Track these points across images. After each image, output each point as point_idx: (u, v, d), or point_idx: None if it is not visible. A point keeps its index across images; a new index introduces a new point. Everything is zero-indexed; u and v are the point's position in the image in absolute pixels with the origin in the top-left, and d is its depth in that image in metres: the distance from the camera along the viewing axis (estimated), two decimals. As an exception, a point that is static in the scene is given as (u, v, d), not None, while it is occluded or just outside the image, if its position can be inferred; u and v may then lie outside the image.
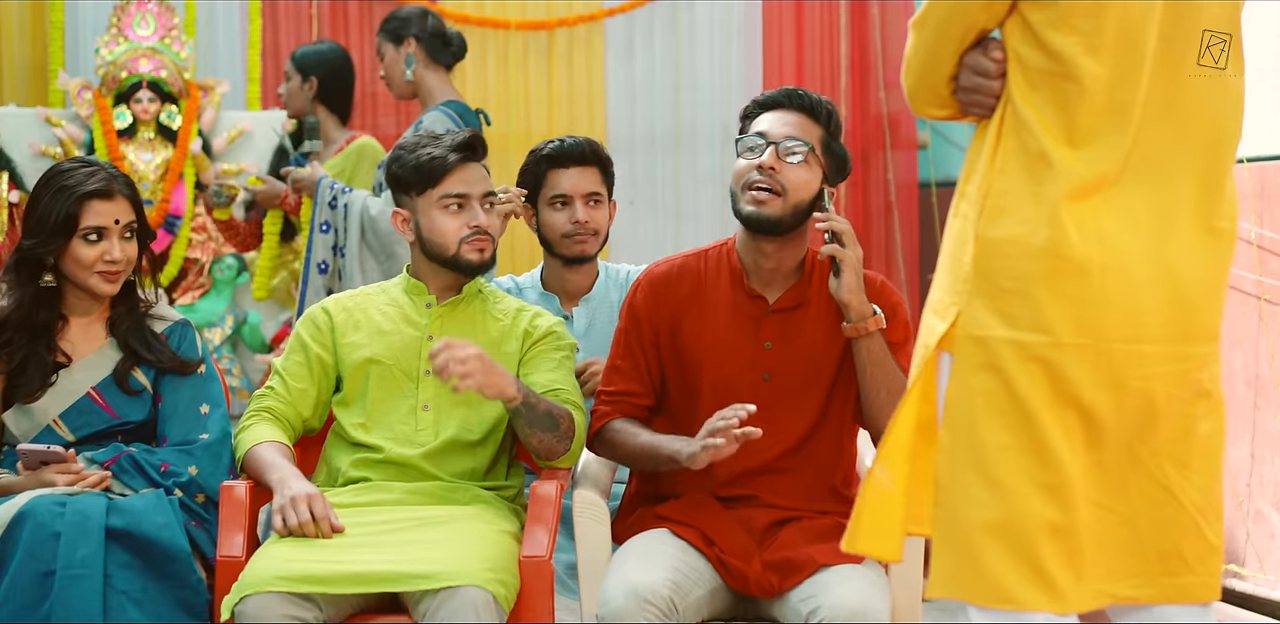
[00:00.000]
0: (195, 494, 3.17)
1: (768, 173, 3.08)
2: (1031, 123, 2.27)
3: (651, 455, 3.07)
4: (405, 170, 3.30)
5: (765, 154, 3.10)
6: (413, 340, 3.30)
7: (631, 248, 6.56)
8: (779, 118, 3.15)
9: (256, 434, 3.20)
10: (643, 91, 6.63)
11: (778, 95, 3.18)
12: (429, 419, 3.25)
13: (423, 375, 3.27)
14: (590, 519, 3.09)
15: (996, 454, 2.25)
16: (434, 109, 4.87)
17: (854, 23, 6.61)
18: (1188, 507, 2.34)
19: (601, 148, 3.74)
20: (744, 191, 3.11)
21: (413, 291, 3.36)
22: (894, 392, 3.04)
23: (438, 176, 3.26)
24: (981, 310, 2.28)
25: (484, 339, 3.30)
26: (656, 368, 3.19)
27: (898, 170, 6.63)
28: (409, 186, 3.31)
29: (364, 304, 3.36)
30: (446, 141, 3.29)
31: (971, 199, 2.33)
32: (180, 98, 5.61)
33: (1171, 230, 2.30)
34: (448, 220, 3.27)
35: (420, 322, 3.32)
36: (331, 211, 4.88)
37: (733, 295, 3.17)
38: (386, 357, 3.28)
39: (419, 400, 3.26)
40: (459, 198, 3.27)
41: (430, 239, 3.29)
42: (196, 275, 5.67)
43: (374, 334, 3.30)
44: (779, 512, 3.11)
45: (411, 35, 4.93)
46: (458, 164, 3.28)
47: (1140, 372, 2.27)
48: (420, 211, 3.29)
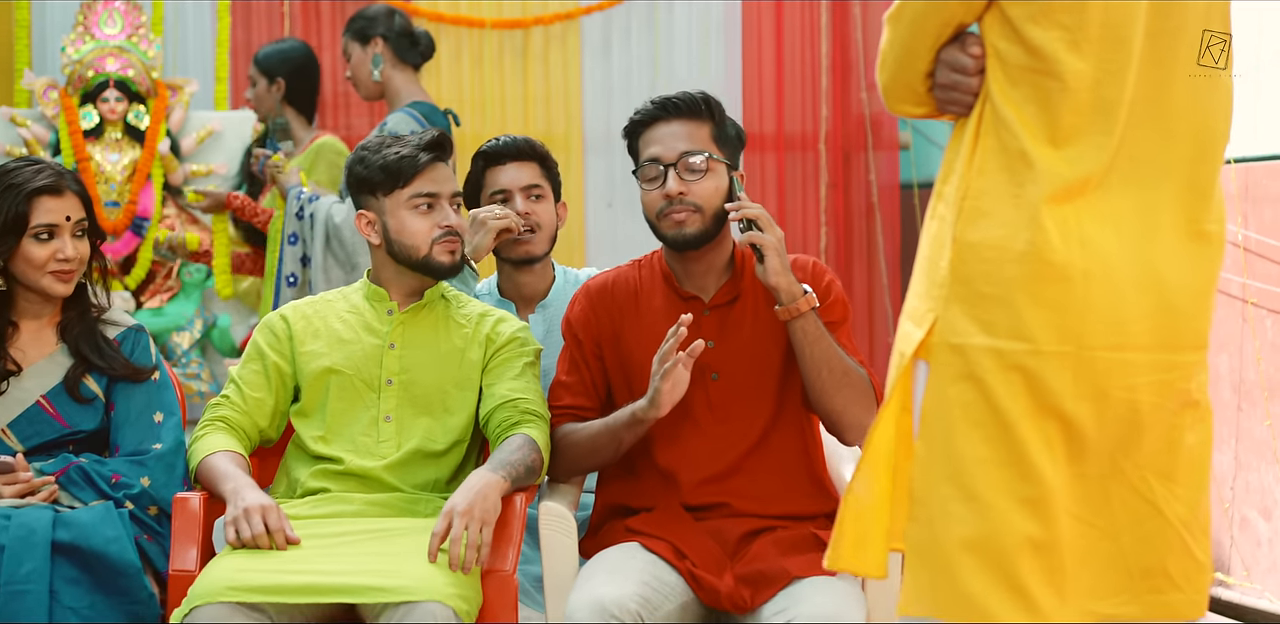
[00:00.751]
0: (147, 506, 3.08)
1: (677, 199, 3.03)
2: (1011, 121, 2.20)
3: (610, 431, 3.04)
4: (371, 170, 3.22)
5: (669, 181, 3.04)
6: (373, 349, 3.21)
7: (611, 249, 6.51)
8: (665, 133, 3.08)
9: (210, 444, 3.11)
10: (620, 91, 6.58)
11: (652, 109, 3.10)
12: (391, 430, 3.17)
13: (384, 385, 3.18)
14: (556, 531, 3.02)
15: (974, 467, 2.18)
16: (399, 110, 4.82)
17: (835, 22, 6.58)
18: (1173, 522, 2.28)
19: (541, 145, 3.67)
20: (660, 219, 3.06)
21: (373, 298, 3.28)
22: (836, 372, 2.99)
23: (408, 176, 3.19)
24: (959, 317, 2.21)
25: (447, 347, 3.22)
26: (602, 380, 3.17)
27: (879, 171, 6.61)
28: (375, 187, 3.23)
29: (323, 311, 3.28)
30: (414, 140, 3.22)
31: (949, 200, 2.26)
32: (148, 97, 5.54)
33: (1158, 234, 2.24)
34: (418, 221, 3.19)
35: (381, 329, 3.24)
36: (299, 222, 4.82)
37: (668, 300, 3.13)
38: (346, 366, 3.19)
39: (380, 411, 3.17)
40: (429, 197, 3.20)
41: (399, 241, 3.21)
42: (165, 278, 5.60)
43: (334, 343, 3.22)
44: (754, 521, 3.04)
45: (379, 35, 4.89)
46: (429, 163, 3.20)
47: (1124, 381, 2.21)
48: (388, 212, 3.22)
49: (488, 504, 2.90)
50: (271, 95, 5.39)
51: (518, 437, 3.08)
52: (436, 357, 3.21)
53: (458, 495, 2.90)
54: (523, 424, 3.11)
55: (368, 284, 3.30)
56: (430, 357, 3.21)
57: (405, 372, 3.19)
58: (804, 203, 6.60)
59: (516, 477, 3.00)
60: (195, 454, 3.10)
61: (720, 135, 3.10)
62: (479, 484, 2.93)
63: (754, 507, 3.05)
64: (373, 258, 3.30)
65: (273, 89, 5.38)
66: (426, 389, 3.19)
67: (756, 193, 6.52)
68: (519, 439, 3.07)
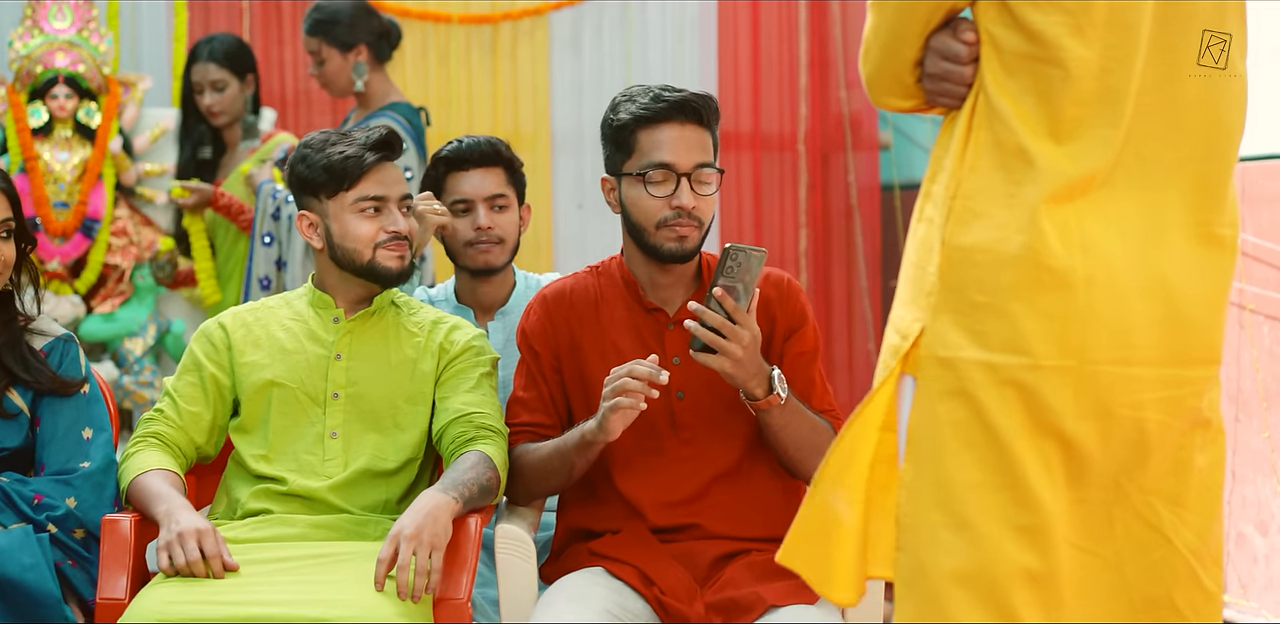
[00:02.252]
0: (73, 529, 2.89)
1: (687, 212, 2.87)
2: (1007, 114, 2.05)
3: (560, 454, 2.87)
4: (314, 171, 3.03)
5: (682, 194, 2.87)
6: (318, 360, 3.03)
7: (580, 252, 6.38)
8: (677, 137, 2.88)
9: (142, 462, 2.92)
10: (591, 89, 6.44)
11: (666, 108, 2.87)
12: (337, 448, 2.99)
13: (330, 399, 3.00)
14: (514, 555, 2.84)
15: (966, 492, 2.04)
16: (381, 114, 4.69)
17: (813, 19, 6.48)
18: (1181, 550, 2.14)
19: (506, 146, 3.49)
20: (660, 229, 2.89)
21: (318, 304, 3.10)
22: (805, 448, 2.86)
23: (353, 177, 3.01)
24: (949, 328, 2.06)
25: (398, 358, 3.05)
26: (560, 394, 2.99)
27: (859, 172, 6.51)
28: (318, 189, 3.04)
29: (265, 319, 3.09)
30: (360, 139, 3.03)
31: (938, 201, 2.10)
32: (99, 94, 5.35)
33: (1166, 237, 2.09)
34: (363, 225, 3.02)
35: (327, 339, 3.06)
36: (274, 223, 4.67)
37: (630, 311, 2.98)
38: (289, 379, 3.01)
39: (326, 427, 2.99)
40: (376, 200, 3.03)
41: (343, 246, 3.03)
42: (116, 282, 5.41)
43: (275, 353, 3.04)
44: (726, 544, 2.88)
45: (363, 42, 4.74)
46: (375, 164, 3.02)
47: (1129, 398, 2.06)
48: (331, 216, 3.04)
49: (438, 527, 2.71)
50: (243, 95, 5.22)
51: (472, 454, 2.90)
52: (386, 368, 3.04)
53: (405, 518, 2.72)
54: (478, 440, 2.93)
55: (312, 290, 3.12)
56: (379, 368, 3.04)
57: (353, 384, 3.02)
58: (781, 204, 6.49)
59: (470, 497, 2.81)
60: (126, 473, 2.91)
61: (716, 145, 2.96)
62: (428, 506, 2.74)
63: (727, 528, 2.90)
64: (316, 262, 3.12)
65: (244, 86, 5.22)
66: (375, 403, 3.01)
67: (733, 194, 6.44)
68: (473, 457, 2.89)
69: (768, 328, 2.92)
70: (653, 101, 2.88)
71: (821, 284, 6.40)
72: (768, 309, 2.93)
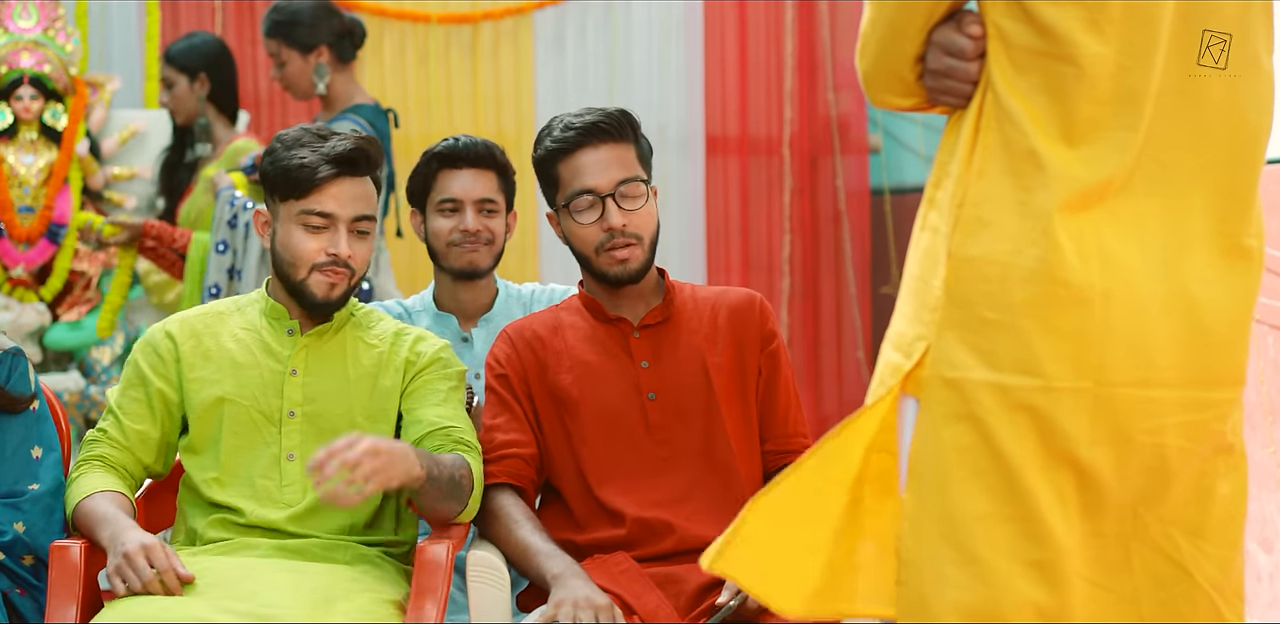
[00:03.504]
0: (22, 555, 2.74)
1: (620, 231, 2.88)
2: (1018, 114, 1.92)
3: (521, 560, 2.80)
4: (275, 170, 2.86)
5: (610, 214, 2.87)
6: (273, 375, 2.86)
7: (564, 257, 6.24)
8: (593, 160, 2.90)
9: (86, 485, 2.76)
10: (574, 91, 6.36)
11: (575, 135, 2.90)
12: (295, 472, 2.81)
13: (285, 418, 2.84)
14: (487, 584, 2.72)
15: (973, 524, 1.93)
16: (343, 117, 4.57)
17: (801, 19, 6.43)
18: (1203, 584, 2.02)
19: (502, 152, 3.39)
20: (600, 254, 2.90)
21: (272, 315, 2.92)
22: None
23: (304, 188, 2.82)
24: (955, 346, 1.94)
25: (357, 372, 2.89)
26: (533, 415, 2.95)
27: (847, 176, 6.45)
28: (274, 189, 2.88)
29: (214, 327, 2.91)
30: (326, 148, 2.83)
31: (943, 208, 1.97)
32: (66, 95, 5.26)
33: (1189, 248, 1.97)
34: (304, 240, 2.83)
35: (282, 352, 2.89)
36: (230, 230, 4.51)
37: (593, 325, 2.98)
38: (241, 395, 2.84)
39: (282, 448, 2.83)
40: (322, 217, 2.83)
41: (281, 255, 2.87)
42: (84, 289, 5.30)
43: (227, 367, 2.86)
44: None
45: (323, 43, 4.61)
46: (329, 179, 2.82)
47: (1149, 423, 1.94)
48: (280, 220, 2.88)
49: (394, 457, 2.54)
50: (194, 94, 5.06)
51: (454, 455, 2.78)
52: (345, 383, 2.88)
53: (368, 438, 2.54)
54: (458, 453, 2.80)
55: (266, 298, 2.94)
56: (338, 384, 2.87)
57: (310, 402, 2.85)
58: (768, 209, 6.42)
59: (435, 477, 2.67)
60: (70, 499, 2.76)
61: (641, 155, 2.94)
62: (398, 444, 2.61)
63: (707, 529, 2.78)
64: (271, 269, 2.95)
65: (195, 86, 5.05)
66: (335, 422, 2.84)
67: (718, 199, 6.37)
68: (455, 457, 2.77)
69: (737, 352, 2.95)
70: (563, 131, 2.91)
71: (809, 291, 6.35)
72: (736, 332, 2.96)
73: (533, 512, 2.88)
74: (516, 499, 2.87)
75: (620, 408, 2.90)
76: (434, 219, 3.34)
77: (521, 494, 2.89)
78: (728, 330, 2.94)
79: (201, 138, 4.97)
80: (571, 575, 2.68)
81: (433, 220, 3.34)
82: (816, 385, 6.30)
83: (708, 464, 2.89)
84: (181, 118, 5.08)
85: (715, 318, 2.97)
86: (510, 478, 2.88)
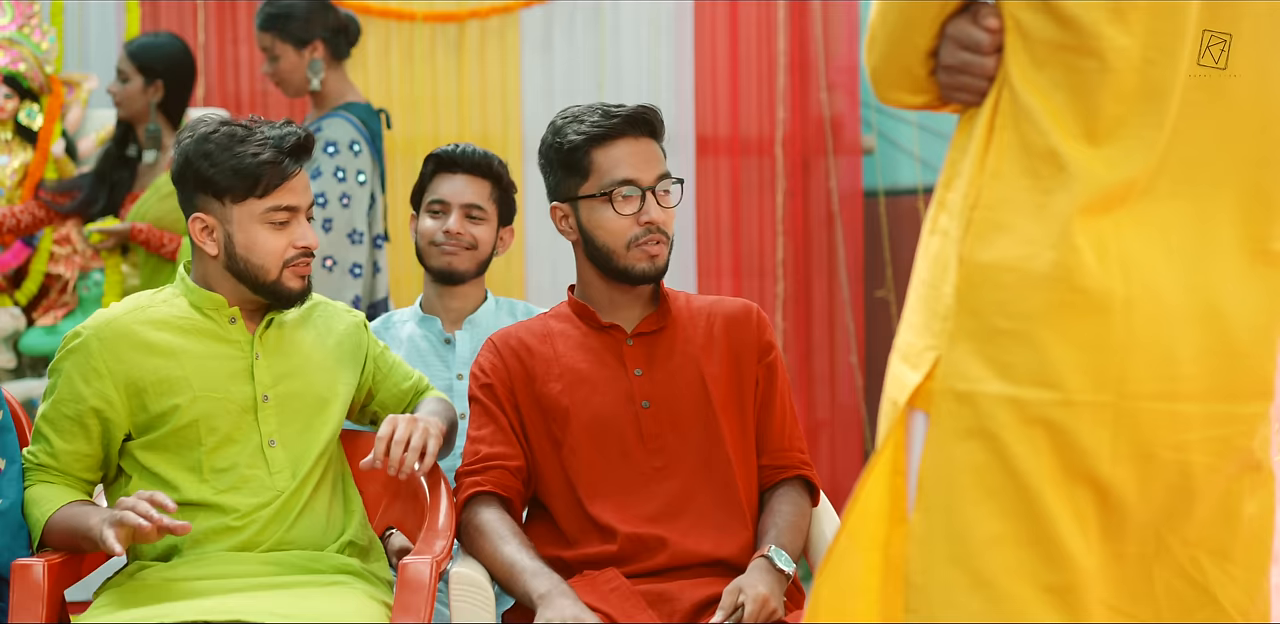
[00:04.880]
0: (-18, 574, 2.63)
1: (656, 228, 2.85)
2: (1036, 112, 1.83)
3: (507, 578, 2.73)
4: (220, 171, 2.72)
5: (650, 209, 2.84)
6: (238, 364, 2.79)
7: (552, 260, 6.21)
8: (634, 152, 2.86)
9: (47, 497, 2.67)
10: (562, 91, 6.27)
11: (618, 123, 2.85)
12: (280, 458, 2.77)
13: (260, 403, 2.76)
14: (470, 603, 2.63)
15: (986, 547, 1.84)
16: (334, 114, 4.47)
17: (793, 17, 6.35)
18: (1228, 609, 1.94)
19: (502, 165, 3.43)
20: (630, 249, 2.85)
21: (208, 305, 2.80)
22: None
23: (270, 186, 2.73)
24: (968, 357, 1.85)
25: (306, 345, 2.89)
26: (519, 426, 2.89)
27: (840, 178, 6.37)
28: (222, 191, 2.74)
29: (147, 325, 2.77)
30: (273, 140, 2.73)
31: (955, 211, 1.88)
32: (41, 94, 5.17)
33: (1215, 253, 1.87)
34: (271, 238, 2.75)
35: (238, 340, 2.80)
36: None
37: (584, 333, 2.93)
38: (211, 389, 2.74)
39: (263, 436, 2.76)
40: (288, 211, 2.76)
41: (247, 259, 2.75)
42: (59, 293, 5.20)
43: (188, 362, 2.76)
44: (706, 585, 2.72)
45: (318, 38, 4.52)
46: (293, 173, 2.75)
47: (1173, 438, 1.85)
48: (235, 223, 2.75)
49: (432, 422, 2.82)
50: (145, 97, 4.94)
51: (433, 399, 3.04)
52: (303, 360, 2.86)
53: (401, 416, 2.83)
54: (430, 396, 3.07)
55: (194, 289, 2.81)
56: (297, 361, 2.85)
57: (277, 383, 2.80)
58: (759, 211, 6.35)
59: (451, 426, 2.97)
60: (36, 519, 2.66)
61: (664, 155, 2.91)
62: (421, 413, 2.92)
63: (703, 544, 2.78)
64: (198, 267, 2.83)
65: (149, 90, 4.94)
66: (304, 399, 2.83)
67: (709, 201, 6.29)
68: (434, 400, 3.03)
69: (734, 362, 2.90)
70: (603, 118, 2.85)
71: (801, 294, 6.29)
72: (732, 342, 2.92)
73: (519, 526, 2.80)
74: (502, 513, 2.79)
75: (612, 417, 2.83)
76: (423, 219, 3.41)
77: (508, 506, 2.81)
78: (724, 340, 2.89)
79: (151, 144, 4.89)
80: (559, 594, 2.59)
81: (422, 220, 3.42)
82: (809, 391, 6.23)
83: (704, 476, 2.82)
84: (125, 113, 4.97)
85: (711, 327, 2.91)
86: (496, 488, 2.81)
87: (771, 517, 2.83)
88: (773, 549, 2.72)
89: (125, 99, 4.93)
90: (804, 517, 2.86)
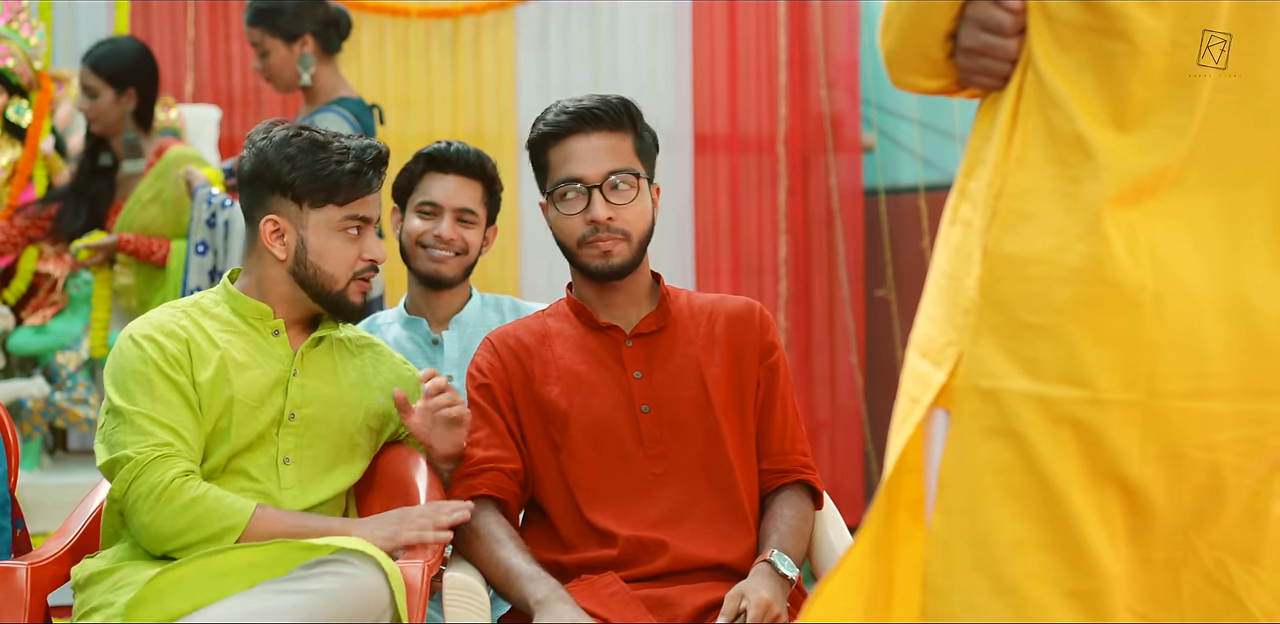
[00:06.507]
0: (-35, 579, 2.55)
1: (604, 225, 2.78)
2: (1063, 96, 1.77)
3: (503, 583, 2.68)
4: (300, 174, 2.70)
5: (594, 206, 2.76)
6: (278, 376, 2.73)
7: (547, 258, 6.17)
8: (584, 148, 2.80)
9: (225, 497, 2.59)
10: (557, 88, 6.24)
11: (568, 120, 2.79)
12: (291, 476, 2.71)
13: (286, 420, 2.71)
14: (464, 609, 2.58)
15: (1009, 551, 1.79)
16: (327, 109, 4.43)
17: (793, 14, 6.33)
18: (1255, 614, 1.89)
19: (493, 165, 3.37)
20: (582, 247, 2.80)
21: (253, 315, 2.76)
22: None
23: (351, 196, 2.72)
24: (992, 353, 1.79)
25: (345, 380, 2.84)
26: (517, 429, 2.84)
27: (840, 175, 6.35)
28: (301, 195, 2.71)
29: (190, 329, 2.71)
30: (357, 151, 2.73)
31: (977, 200, 1.81)
32: (30, 90, 5.09)
33: (1247, 246, 1.82)
34: (345, 247, 2.74)
35: (279, 353, 2.75)
36: (210, 230, 4.42)
37: (582, 334, 2.88)
38: (249, 396, 2.68)
39: (279, 451, 2.71)
40: (362, 222, 2.76)
41: (318, 266, 2.72)
42: (49, 292, 5.16)
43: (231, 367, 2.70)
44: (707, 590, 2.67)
45: (308, 32, 4.48)
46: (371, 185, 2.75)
47: (1204, 438, 1.79)
48: (310, 228, 2.72)
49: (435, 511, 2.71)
50: (119, 108, 4.90)
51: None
52: (337, 390, 2.80)
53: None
54: None
55: (239, 297, 2.77)
56: (331, 390, 2.80)
57: (308, 404, 2.75)
58: (759, 209, 6.33)
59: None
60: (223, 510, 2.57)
61: (641, 147, 2.83)
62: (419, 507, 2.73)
63: (706, 549, 2.73)
64: (255, 271, 2.78)
65: (122, 100, 4.90)
66: (327, 426, 2.77)
67: (708, 199, 6.27)
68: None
69: (735, 363, 2.85)
70: (556, 116, 2.81)
71: (801, 293, 6.28)
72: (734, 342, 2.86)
73: (515, 530, 2.74)
74: (498, 516, 2.74)
75: (611, 421, 2.78)
76: (411, 219, 3.34)
77: (504, 509, 2.76)
78: (725, 340, 2.82)
79: (130, 154, 4.86)
80: (556, 600, 2.54)
81: (409, 220, 3.35)
82: (809, 391, 6.20)
83: (706, 480, 2.77)
84: (100, 128, 4.94)
85: (712, 326, 2.85)
86: (492, 490, 2.75)
87: (774, 521, 2.78)
88: (775, 554, 2.66)
89: (99, 115, 4.91)
90: (806, 521, 2.81)
